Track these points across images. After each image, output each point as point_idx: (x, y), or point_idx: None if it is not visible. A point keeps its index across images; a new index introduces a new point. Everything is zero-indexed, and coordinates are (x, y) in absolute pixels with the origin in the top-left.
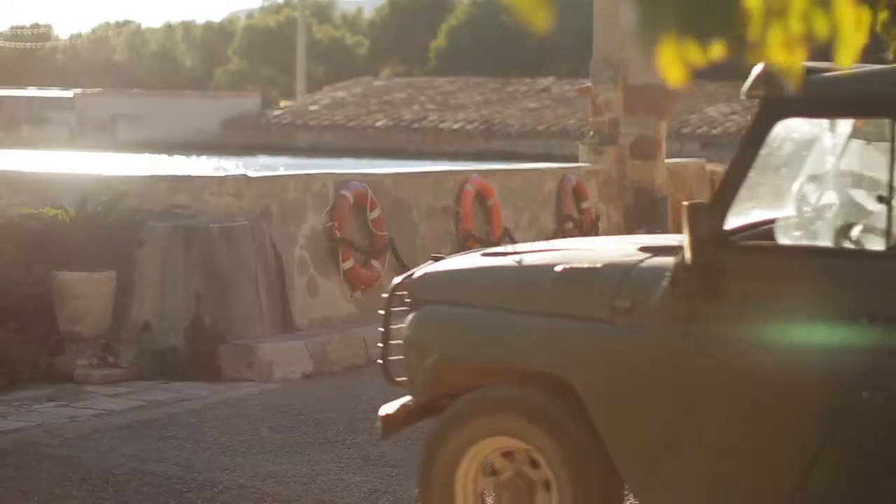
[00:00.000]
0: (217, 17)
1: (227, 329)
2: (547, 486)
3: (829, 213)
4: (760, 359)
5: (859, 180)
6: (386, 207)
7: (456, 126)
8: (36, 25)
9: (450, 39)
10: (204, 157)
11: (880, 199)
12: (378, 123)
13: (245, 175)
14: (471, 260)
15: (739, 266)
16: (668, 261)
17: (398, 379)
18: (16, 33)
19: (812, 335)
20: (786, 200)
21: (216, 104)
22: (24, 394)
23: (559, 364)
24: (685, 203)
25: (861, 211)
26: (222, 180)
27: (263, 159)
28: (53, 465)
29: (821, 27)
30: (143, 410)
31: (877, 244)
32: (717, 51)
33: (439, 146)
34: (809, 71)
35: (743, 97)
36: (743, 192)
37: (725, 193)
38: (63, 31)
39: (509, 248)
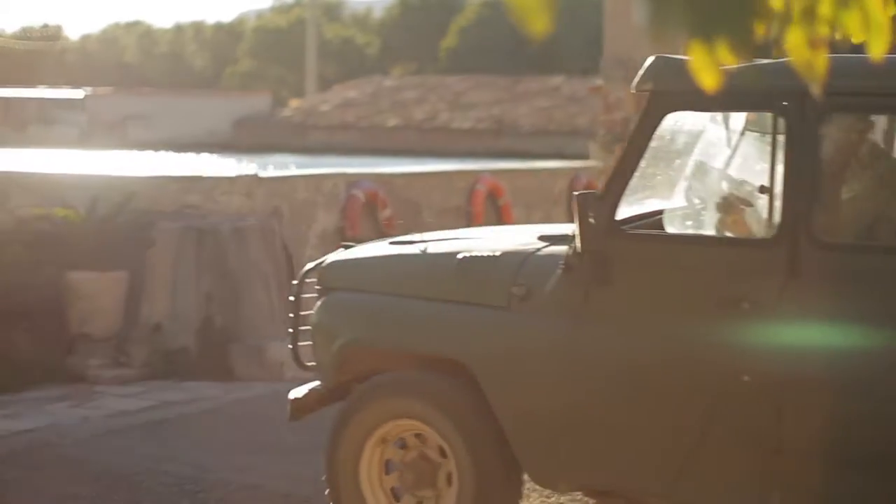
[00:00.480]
0: (227, 17)
1: (238, 329)
2: (448, 467)
3: (713, 204)
4: (648, 343)
5: (744, 172)
6: (397, 207)
7: (467, 125)
8: (46, 26)
9: (460, 38)
10: (215, 157)
11: (762, 190)
12: (389, 123)
13: (256, 175)
14: (378, 248)
15: (629, 254)
16: (564, 249)
17: (308, 364)
18: (26, 33)
19: (696, 320)
20: (675, 191)
21: (227, 104)
22: (35, 394)
23: (457, 349)
24: (574, 193)
25: (745, 201)
26: (233, 180)
27: (274, 159)
28: (65, 466)
29: (852, 25)
30: (155, 410)
31: (759, 233)
32: (737, 52)
33: (450, 145)
34: None
35: (633, 91)
36: (634, 183)
37: (615, 184)
38: (73, 32)
39: (416, 236)
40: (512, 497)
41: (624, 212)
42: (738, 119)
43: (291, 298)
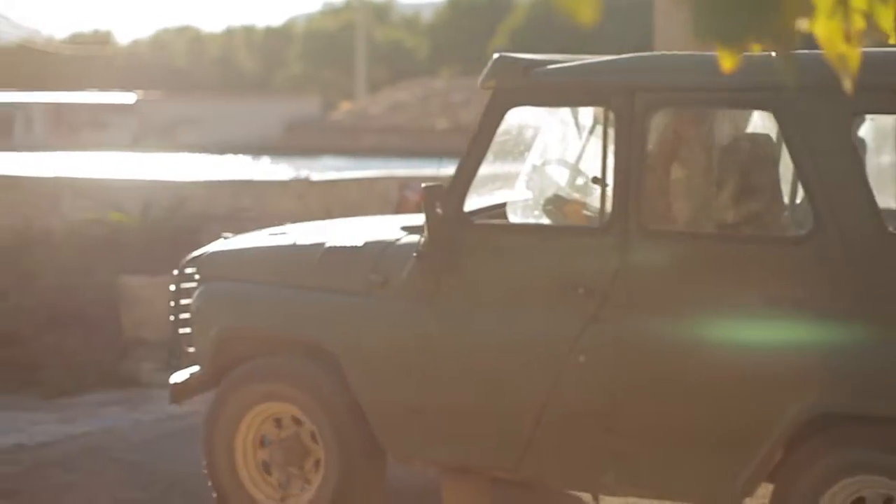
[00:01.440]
0: (277, 21)
1: None
2: (318, 454)
3: (552, 194)
4: (492, 327)
5: (580, 163)
6: None
7: None
8: (96, 31)
9: (510, 40)
10: (266, 160)
11: (595, 181)
12: (438, 125)
13: (308, 178)
14: (254, 238)
15: (476, 243)
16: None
17: (188, 350)
18: (76, 39)
19: (537, 304)
20: (519, 183)
21: (277, 107)
22: (90, 398)
23: (320, 334)
24: (423, 185)
25: (581, 192)
26: (285, 183)
27: (325, 161)
28: (120, 470)
29: (886, 19)
30: None
31: (593, 222)
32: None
33: None
34: (537, 63)
35: (479, 87)
36: (483, 175)
37: (461, 177)
38: (123, 37)
39: (292, 226)
40: (376, 474)
41: (472, 203)
42: (577, 114)
43: (172, 288)
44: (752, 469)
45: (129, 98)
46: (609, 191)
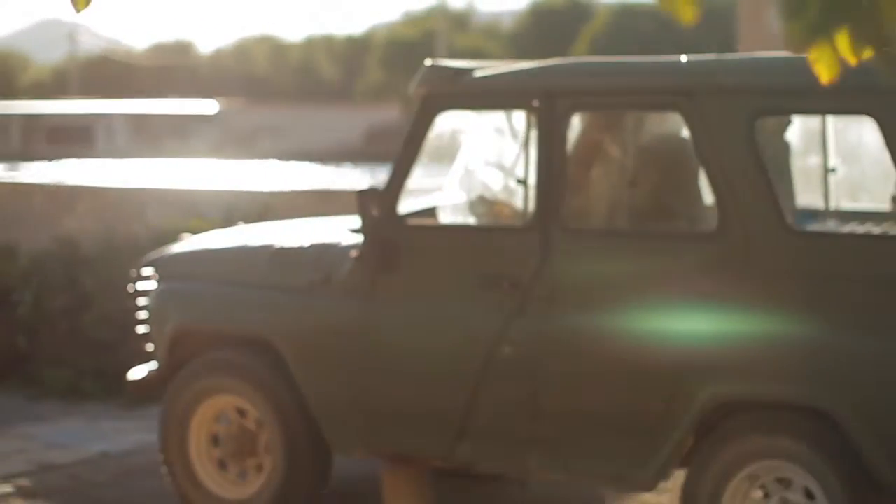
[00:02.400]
0: (357, 29)
1: None
2: (266, 437)
3: (479, 195)
4: (424, 321)
5: (504, 165)
6: None
7: None
8: (178, 41)
9: (591, 46)
10: (347, 168)
11: (518, 182)
12: None
13: None
14: (208, 239)
15: (408, 242)
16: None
17: (148, 347)
18: (158, 49)
19: (465, 300)
20: (449, 185)
21: (357, 115)
22: None
23: (265, 329)
24: (356, 189)
25: (506, 192)
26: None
27: None
28: None
29: None
30: None
31: (516, 220)
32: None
33: None
34: (466, 70)
35: (410, 94)
36: (415, 177)
37: (395, 179)
38: (205, 46)
39: (244, 227)
40: (321, 466)
41: (406, 205)
42: (506, 117)
43: (129, 288)
44: (665, 455)
45: (210, 107)
46: (531, 191)
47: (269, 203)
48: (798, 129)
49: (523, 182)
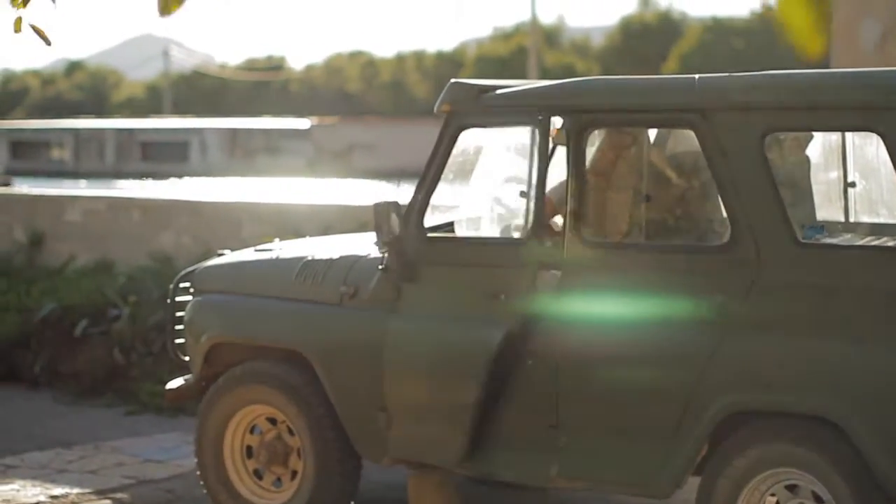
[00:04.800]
0: (448, 45)
1: None
2: (298, 446)
3: (490, 209)
4: (444, 331)
5: (522, 179)
6: None
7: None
8: (270, 57)
9: (682, 64)
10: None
11: (522, 195)
12: None
13: None
14: (242, 255)
15: (431, 255)
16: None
17: (185, 358)
18: (250, 65)
19: (483, 311)
20: (469, 199)
21: None
22: None
23: (297, 340)
24: (374, 203)
25: (513, 206)
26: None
27: None
28: None
29: None
30: None
31: (518, 233)
32: None
33: None
34: (488, 88)
35: (435, 112)
36: (440, 192)
37: (420, 195)
38: (296, 62)
39: (277, 243)
40: (351, 473)
41: (432, 219)
42: (523, 134)
43: (168, 301)
44: (680, 462)
45: (304, 123)
46: (533, 204)
47: (364, 218)
48: (818, 144)
49: (526, 196)
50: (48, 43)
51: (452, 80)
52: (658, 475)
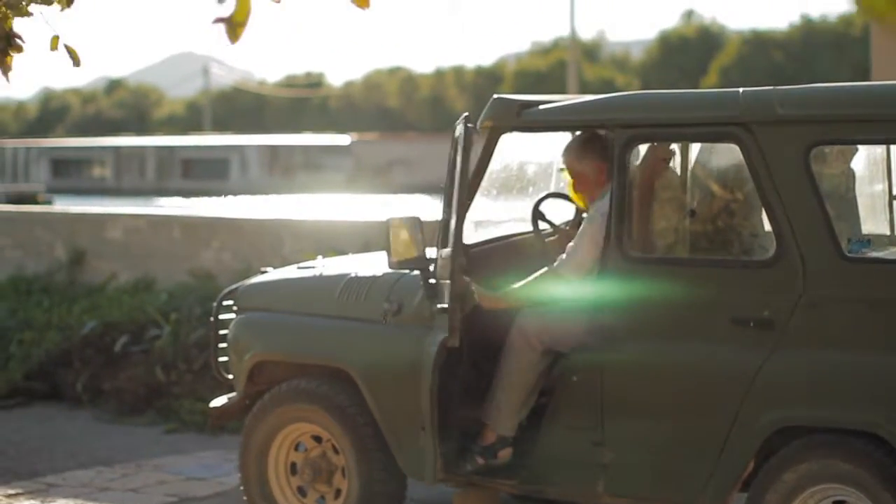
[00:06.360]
0: (487, 60)
1: None
2: (342, 464)
3: (540, 225)
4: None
5: (565, 193)
6: None
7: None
8: (309, 74)
9: (721, 77)
10: (483, 199)
11: (580, 211)
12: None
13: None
14: (284, 273)
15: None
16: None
17: (228, 376)
18: (290, 82)
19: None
20: (513, 214)
21: None
22: None
23: (340, 357)
24: (389, 219)
25: (568, 220)
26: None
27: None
28: None
29: None
30: None
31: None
32: None
33: None
34: (530, 104)
35: (478, 129)
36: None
37: (459, 211)
38: (336, 79)
39: (319, 261)
40: (395, 490)
41: (474, 236)
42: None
43: (211, 319)
44: (727, 478)
45: (344, 140)
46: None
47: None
48: (862, 157)
49: (584, 211)
50: (77, 63)
51: (495, 96)
52: (704, 491)
